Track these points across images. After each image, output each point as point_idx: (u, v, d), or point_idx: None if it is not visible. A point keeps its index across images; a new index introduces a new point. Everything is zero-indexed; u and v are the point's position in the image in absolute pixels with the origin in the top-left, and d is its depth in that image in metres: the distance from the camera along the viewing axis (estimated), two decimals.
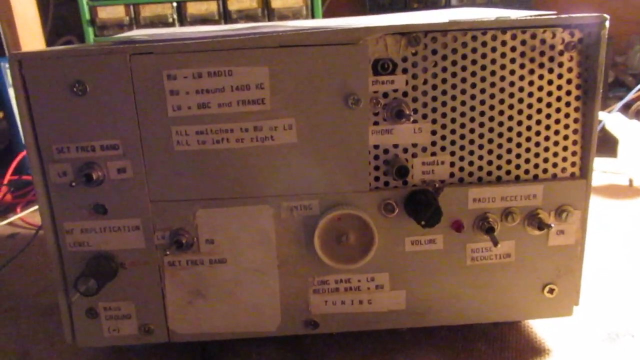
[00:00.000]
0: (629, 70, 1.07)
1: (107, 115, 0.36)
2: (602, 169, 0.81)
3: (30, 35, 1.03)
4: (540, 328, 0.44)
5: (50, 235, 0.38)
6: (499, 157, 0.38)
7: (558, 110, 0.37)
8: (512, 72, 0.37)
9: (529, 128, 0.38)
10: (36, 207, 0.67)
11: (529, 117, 0.37)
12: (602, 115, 0.77)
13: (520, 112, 0.37)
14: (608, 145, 0.79)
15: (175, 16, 1.08)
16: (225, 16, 1.08)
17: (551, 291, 0.40)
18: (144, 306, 0.39)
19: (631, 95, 0.81)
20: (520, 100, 0.37)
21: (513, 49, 0.36)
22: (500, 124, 0.37)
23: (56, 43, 1.20)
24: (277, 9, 1.06)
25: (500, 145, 0.38)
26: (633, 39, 1.07)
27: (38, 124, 0.36)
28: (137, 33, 0.50)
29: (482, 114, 0.37)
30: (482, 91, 0.37)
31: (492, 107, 0.37)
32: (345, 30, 0.35)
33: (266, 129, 0.36)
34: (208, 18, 1.07)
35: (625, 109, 0.93)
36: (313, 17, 1.07)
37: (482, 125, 0.37)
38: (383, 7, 1.14)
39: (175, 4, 1.07)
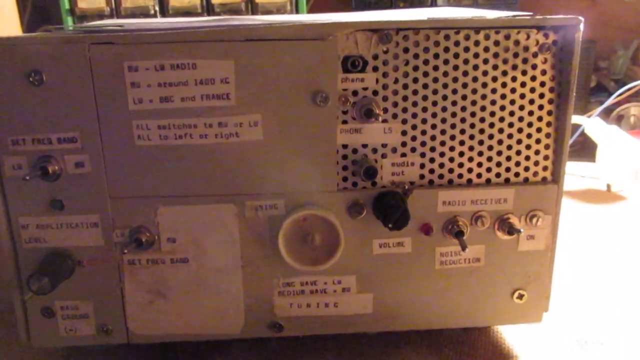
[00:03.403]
0: (612, 76, 1.07)
1: (65, 106, 0.34)
2: (581, 174, 0.81)
3: (7, 23, 1.01)
4: (509, 334, 0.43)
5: (4, 230, 0.36)
6: (470, 159, 0.37)
7: (531, 113, 0.37)
8: (485, 73, 0.36)
9: (501, 130, 0.37)
10: None
11: (501, 119, 0.37)
12: (581, 119, 0.77)
13: (492, 113, 0.37)
14: (587, 150, 0.79)
15: (157, 8, 1.06)
16: (209, 9, 1.07)
17: (520, 297, 0.40)
18: (103, 306, 0.38)
19: (612, 100, 0.81)
20: (493, 102, 0.36)
21: (486, 50, 0.35)
22: (472, 125, 0.37)
23: (33, 32, 1.17)
24: (260, 4, 1.05)
25: (471, 148, 0.37)
26: (616, 45, 1.07)
27: None
28: (112, 22, 0.49)
29: (453, 114, 0.36)
30: (454, 92, 0.36)
31: (463, 108, 0.36)
32: (315, 25, 0.34)
33: (231, 125, 0.35)
34: (190, 11, 1.06)
35: (607, 114, 0.93)
36: (297, 13, 1.06)
37: (453, 126, 0.36)
38: (369, 5, 1.13)
39: None
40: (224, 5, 1.07)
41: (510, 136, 0.37)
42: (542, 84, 0.36)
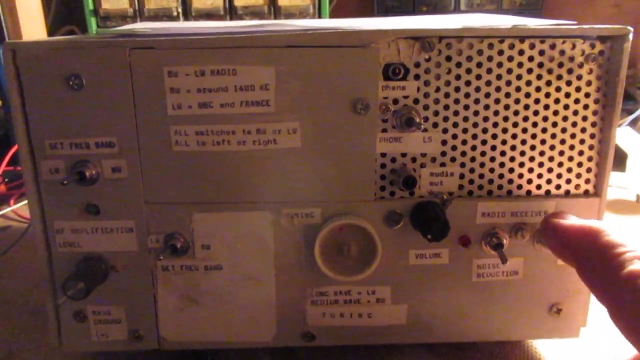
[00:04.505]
0: (637, 84, 1.05)
1: (104, 111, 0.34)
2: (610, 184, 0.80)
3: (32, 23, 1.02)
4: (545, 349, 0.42)
5: (39, 234, 0.36)
6: (511, 170, 0.36)
7: (574, 124, 0.36)
8: (529, 83, 0.35)
9: (543, 141, 0.36)
10: None
11: (544, 130, 0.36)
12: None
13: (534, 124, 0.36)
14: (616, 159, 0.78)
15: (180, 10, 1.06)
16: (231, 12, 1.07)
17: (558, 311, 0.39)
18: (135, 311, 0.38)
19: None
20: (536, 113, 0.36)
21: (530, 59, 0.35)
22: (514, 136, 0.36)
23: (58, 32, 1.18)
24: (283, 7, 1.05)
25: (512, 158, 0.36)
26: None
27: (31, 118, 0.34)
28: (140, 26, 0.49)
29: (495, 125, 0.36)
30: (497, 101, 0.35)
31: (505, 119, 0.36)
32: (356, 33, 0.34)
33: (269, 132, 0.35)
34: (213, 13, 1.06)
35: (633, 123, 0.91)
36: (320, 16, 1.06)
37: (494, 136, 0.36)
38: (391, 9, 1.12)
39: None
40: (246, 8, 1.07)
41: (552, 147, 0.36)
42: (587, 95, 0.35)
